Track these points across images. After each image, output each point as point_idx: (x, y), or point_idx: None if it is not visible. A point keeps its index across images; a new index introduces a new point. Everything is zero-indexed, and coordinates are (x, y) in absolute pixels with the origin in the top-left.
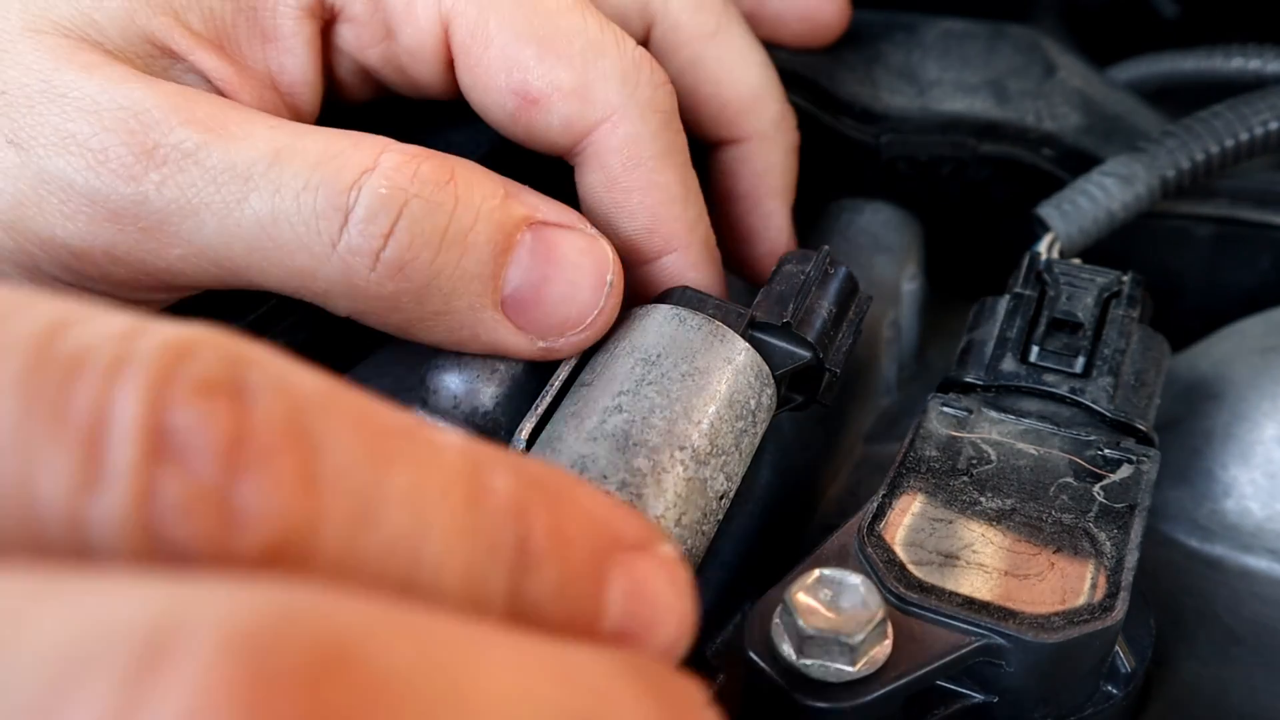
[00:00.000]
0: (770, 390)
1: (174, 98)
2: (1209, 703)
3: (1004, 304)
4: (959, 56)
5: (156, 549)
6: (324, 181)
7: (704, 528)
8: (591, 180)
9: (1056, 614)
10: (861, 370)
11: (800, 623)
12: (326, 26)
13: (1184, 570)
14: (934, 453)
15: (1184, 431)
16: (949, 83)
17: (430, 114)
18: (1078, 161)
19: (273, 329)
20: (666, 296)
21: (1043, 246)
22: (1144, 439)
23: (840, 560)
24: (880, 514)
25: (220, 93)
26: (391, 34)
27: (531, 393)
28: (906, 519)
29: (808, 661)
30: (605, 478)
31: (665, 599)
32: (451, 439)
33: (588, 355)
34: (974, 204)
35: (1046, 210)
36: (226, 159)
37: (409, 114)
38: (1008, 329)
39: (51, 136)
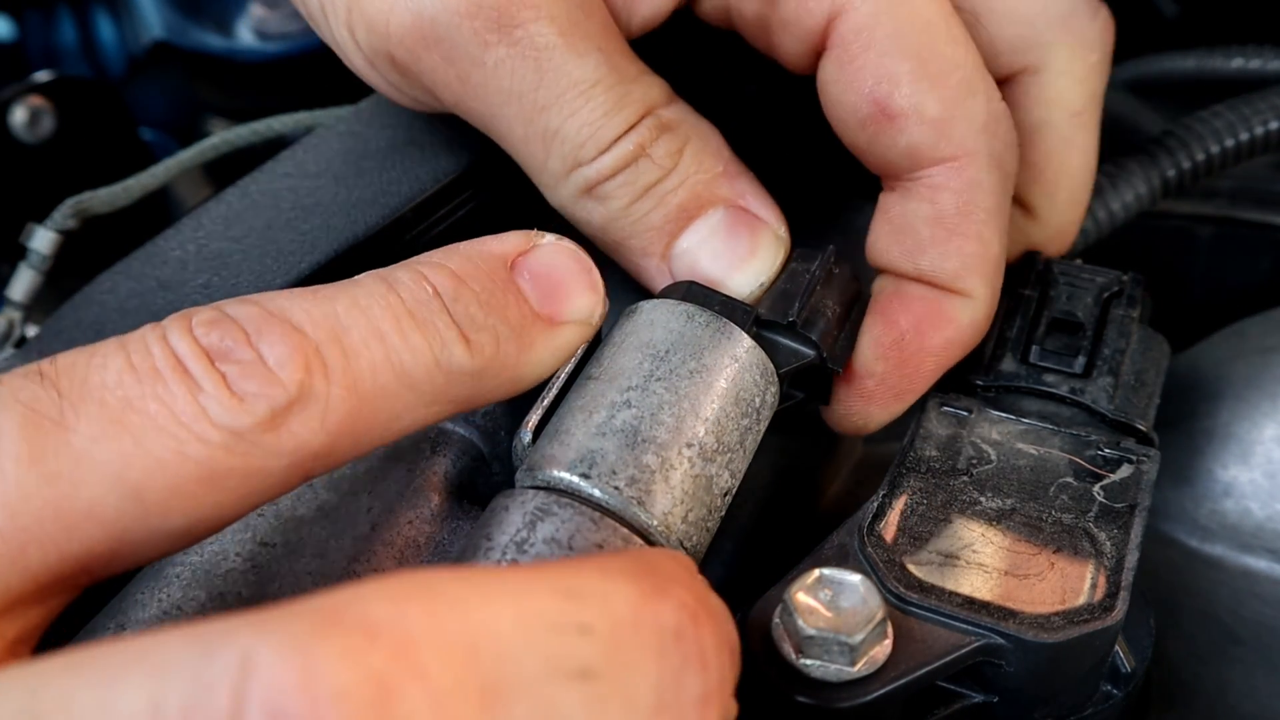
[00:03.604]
0: (774, 388)
1: None
2: (1209, 703)
3: (1004, 304)
4: None
5: None
6: (603, 125)
7: (709, 524)
8: (915, 209)
9: (1056, 614)
10: None
11: (800, 623)
12: None
13: (1184, 570)
14: (934, 453)
15: (1184, 431)
16: None
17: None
18: None
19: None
20: (672, 291)
21: None
22: (1144, 439)
23: (840, 560)
24: (880, 514)
25: None
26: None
27: (533, 392)
28: (907, 519)
29: (808, 661)
30: (614, 473)
31: (565, 270)
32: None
33: (592, 347)
34: None
35: None
36: (557, 74)
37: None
38: (1008, 329)
39: None
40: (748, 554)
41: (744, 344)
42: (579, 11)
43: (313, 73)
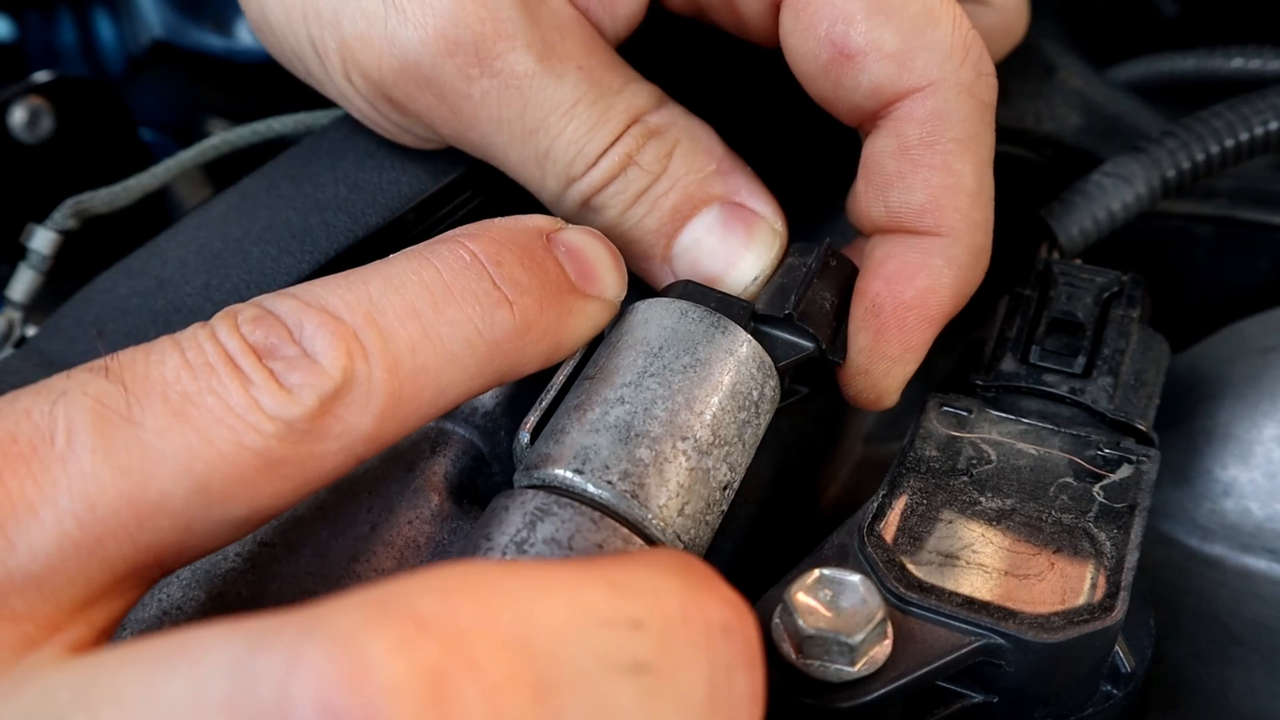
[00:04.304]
0: (774, 382)
1: (528, 3)
2: (1209, 703)
3: (1004, 304)
4: None
5: None
6: (589, 141)
7: (708, 518)
8: (882, 145)
9: (1056, 614)
10: None
11: (800, 623)
12: None
13: (1184, 570)
14: (934, 453)
15: (1184, 431)
16: None
17: None
18: (1078, 161)
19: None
20: (669, 290)
21: (1043, 247)
22: (1144, 439)
23: (840, 560)
24: (880, 514)
25: None
26: None
27: (532, 393)
28: (907, 519)
29: (808, 661)
30: (608, 468)
31: (594, 249)
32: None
33: (591, 349)
34: None
35: (1047, 211)
36: (540, 98)
37: None
38: (1008, 329)
39: (418, 6)
40: (748, 554)
41: (739, 338)
42: (555, 34)
43: None
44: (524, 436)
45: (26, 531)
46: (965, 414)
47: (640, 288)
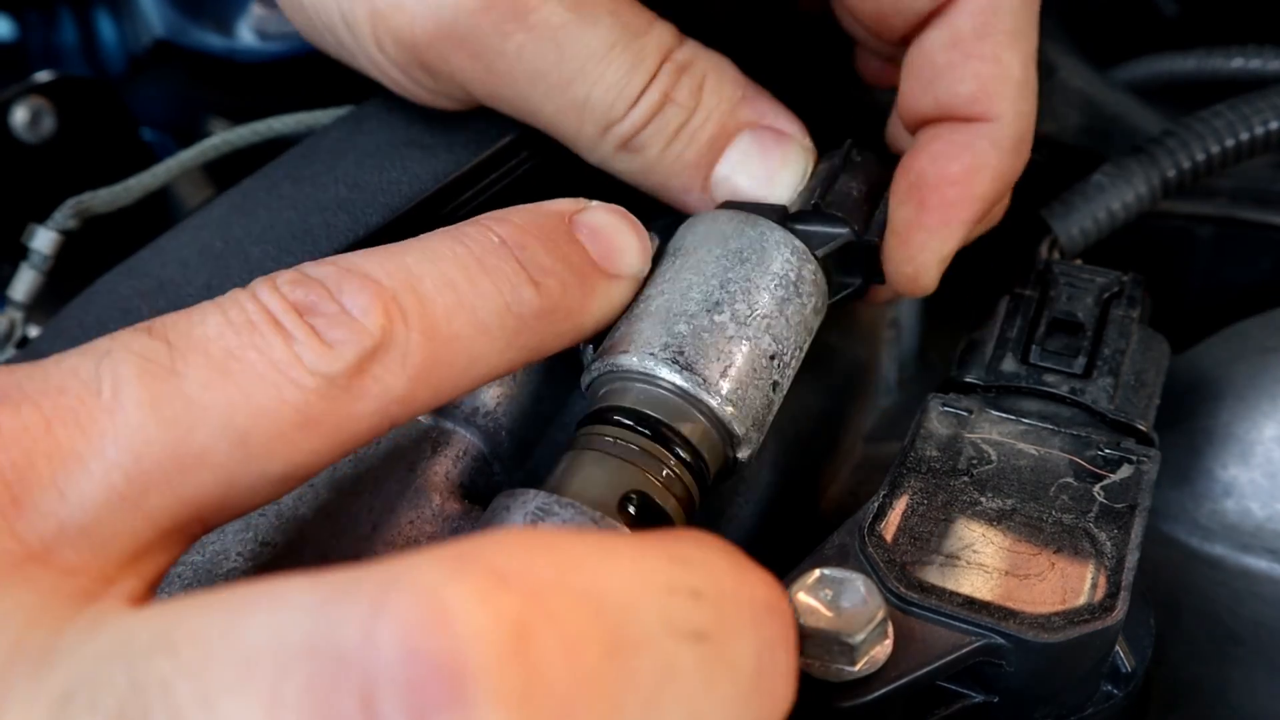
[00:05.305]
0: (811, 266)
1: None
2: (1209, 703)
3: (1004, 304)
4: None
5: None
6: (627, 83)
7: (756, 382)
8: (934, 38)
9: (1057, 614)
10: (861, 370)
11: (800, 622)
12: None
13: (1184, 570)
14: (934, 453)
15: (1184, 431)
16: None
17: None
18: (1078, 161)
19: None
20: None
21: (1043, 247)
22: (1144, 439)
23: (840, 560)
24: (880, 514)
25: None
26: None
27: (532, 393)
28: (907, 519)
29: (808, 661)
30: (650, 343)
31: (616, 228)
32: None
33: None
34: None
35: (1047, 211)
36: (576, 47)
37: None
38: (1008, 329)
39: None
40: (748, 554)
41: (770, 227)
42: None
43: (313, 73)
44: (588, 350)
45: (76, 483)
46: (965, 414)
47: None
